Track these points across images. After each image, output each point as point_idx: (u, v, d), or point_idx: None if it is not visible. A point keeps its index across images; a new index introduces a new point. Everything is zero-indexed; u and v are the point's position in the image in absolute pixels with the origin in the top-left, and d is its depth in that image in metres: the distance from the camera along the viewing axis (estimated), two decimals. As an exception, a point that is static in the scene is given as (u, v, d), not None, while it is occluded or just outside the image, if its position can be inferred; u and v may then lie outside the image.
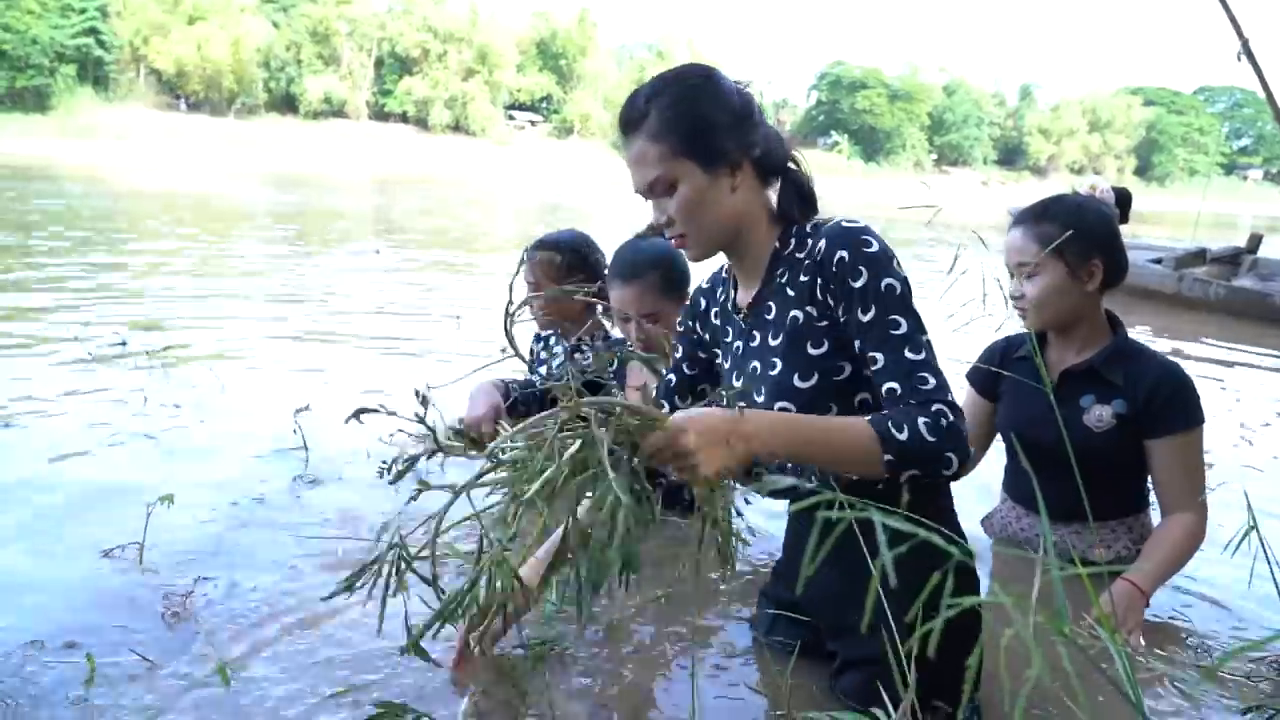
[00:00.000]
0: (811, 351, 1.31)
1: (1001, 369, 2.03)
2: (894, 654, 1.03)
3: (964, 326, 1.25)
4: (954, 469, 1.17)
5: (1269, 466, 2.99)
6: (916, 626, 0.67)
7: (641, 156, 1.29)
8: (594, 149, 60.09)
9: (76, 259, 6.64)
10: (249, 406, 3.05)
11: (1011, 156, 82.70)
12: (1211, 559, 1.87)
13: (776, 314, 1.36)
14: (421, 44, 58.33)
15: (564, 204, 20.63)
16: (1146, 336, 5.62)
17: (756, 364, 1.38)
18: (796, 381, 1.30)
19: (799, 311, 1.32)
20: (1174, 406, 1.80)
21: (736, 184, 1.32)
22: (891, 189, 47.04)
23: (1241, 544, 1.04)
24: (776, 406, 1.31)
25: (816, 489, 0.82)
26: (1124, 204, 1.98)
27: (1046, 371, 1.96)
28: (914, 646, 0.65)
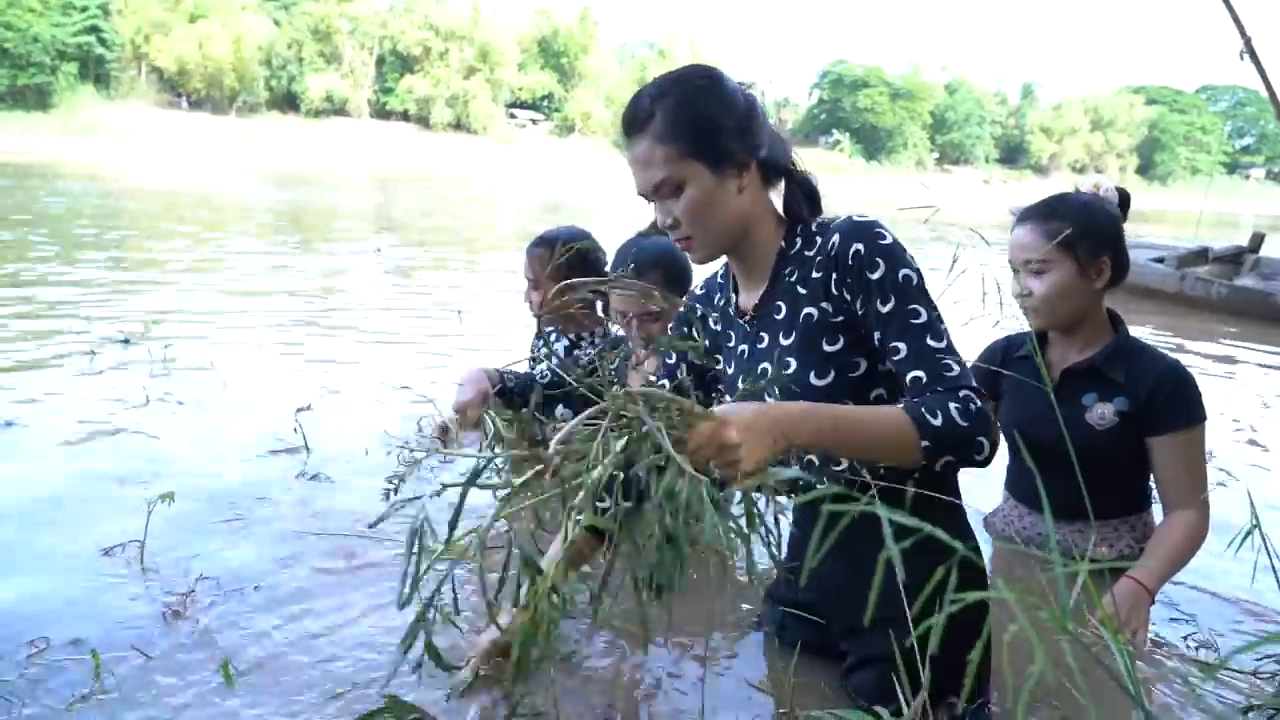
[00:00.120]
0: (826, 348, 1.30)
1: (1002, 368, 2.03)
2: (907, 651, 1.03)
3: (963, 326, 1.25)
4: (985, 454, 1.16)
5: (1272, 465, 2.99)
6: (927, 624, 0.67)
7: (647, 158, 1.27)
8: (595, 147, 60.08)
9: (78, 257, 6.65)
10: (250, 404, 3.06)
11: (1013, 155, 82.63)
12: (1214, 557, 1.87)
13: (787, 313, 1.35)
14: (423, 42, 58.34)
15: (565, 202, 20.63)
16: (1148, 336, 5.61)
17: (768, 365, 1.36)
18: (813, 379, 1.29)
19: (813, 309, 1.30)
20: (1176, 404, 1.81)
21: (743, 185, 1.31)
22: (893, 187, 47.02)
23: (1244, 542, 1.04)
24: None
25: (821, 482, 0.82)
26: (1124, 204, 1.99)
27: (1048, 370, 1.96)
28: (927, 644, 0.65)
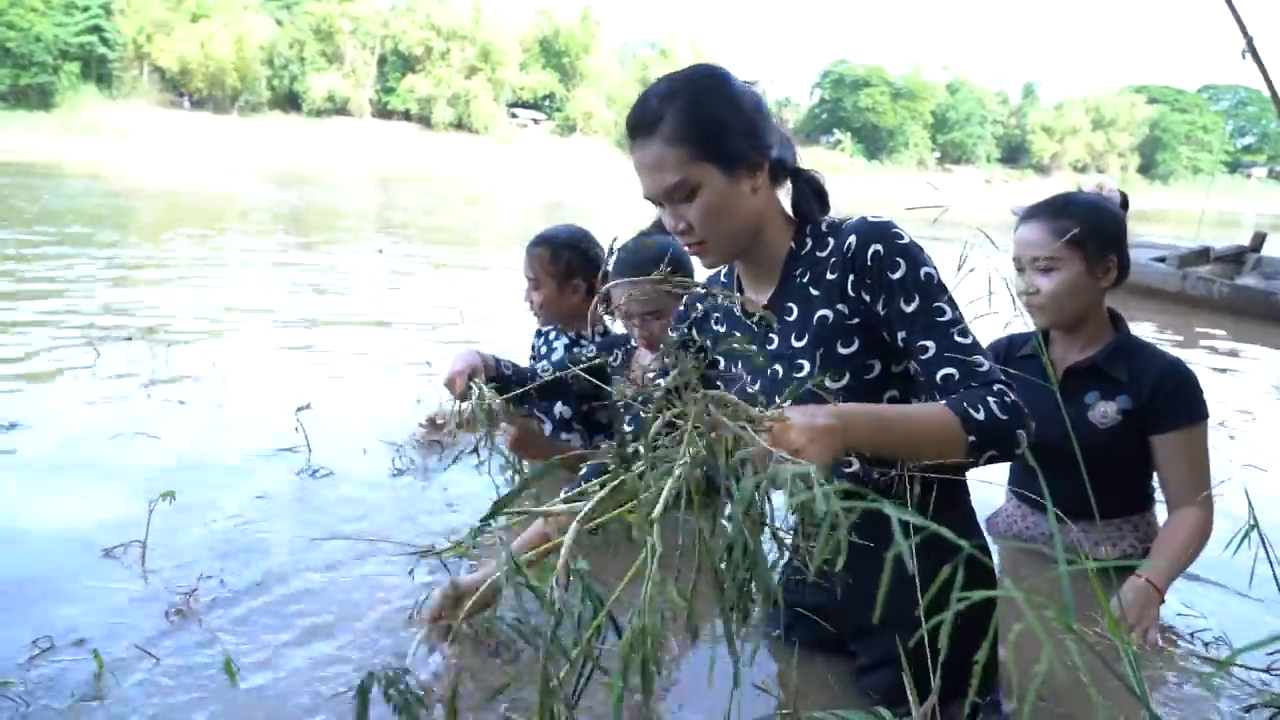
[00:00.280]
0: (841, 351, 1.29)
1: (1005, 367, 2.03)
2: (920, 650, 1.03)
3: (970, 323, 1.25)
4: (1024, 446, 1.16)
5: (1272, 465, 2.99)
6: (940, 624, 0.67)
7: (658, 161, 1.24)
8: (597, 147, 60.04)
9: (80, 256, 6.65)
10: (252, 403, 3.06)
11: (1015, 155, 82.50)
12: (1213, 556, 1.87)
13: (799, 315, 1.33)
14: (424, 42, 58.31)
15: (567, 202, 20.62)
16: (1150, 335, 5.60)
17: (778, 367, 1.35)
18: (827, 382, 1.28)
19: (828, 311, 1.29)
20: (1178, 401, 1.81)
21: (756, 185, 1.28)
22: (894, 187, 46.98)
23: (1243, 542, 1.04)
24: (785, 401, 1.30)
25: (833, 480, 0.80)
26: (1123, 205, 2.01)
27: (1052, 368, 1.96)
28: (941, 643, 0.65)
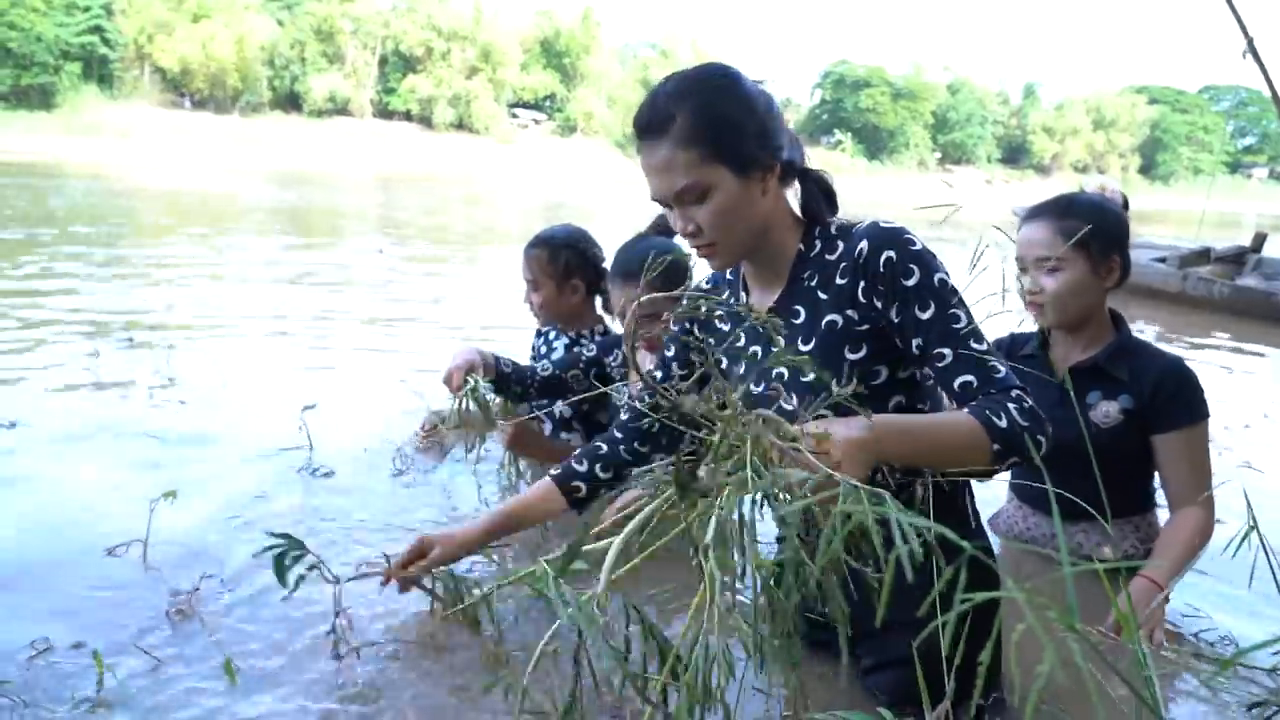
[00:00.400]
0: (849, 356, 1.28)
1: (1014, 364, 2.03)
2: (925, 652, 1.02)
3: (984, 321, 1.25)
4: (1044, 451, 1.16)
5: (1272, 465, 2.99)
6: (945, 625, 0.67)
7: (667, 163, 1.22)
8: (597, 147, 60.03)
9: (81, 256, 6.66)
10: (254, 403, 3.06)
11: (1015, 155, 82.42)
12: (1214, 556, 1.87)
13: (806, 318, 1.32)
14: (425, 42, 58.29)
15: (567, 202, 20.61)
16: (1151, 335, 5.60)
17: (783, 369, 1.34)
18: (833, 387, 1.26)
19: (836, 316, 1.28)
20: (1179, 401, 1.81)
21: (767, 187, 1.27)
22: (895, 187, 46.96)
23: (1242, 543, 1.04)
24: (807, 412, 1.27)
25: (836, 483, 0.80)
26: (1124, 207, 2.02)
27: (1054, 369, 1.97)
28: (945, 643, 0.65)
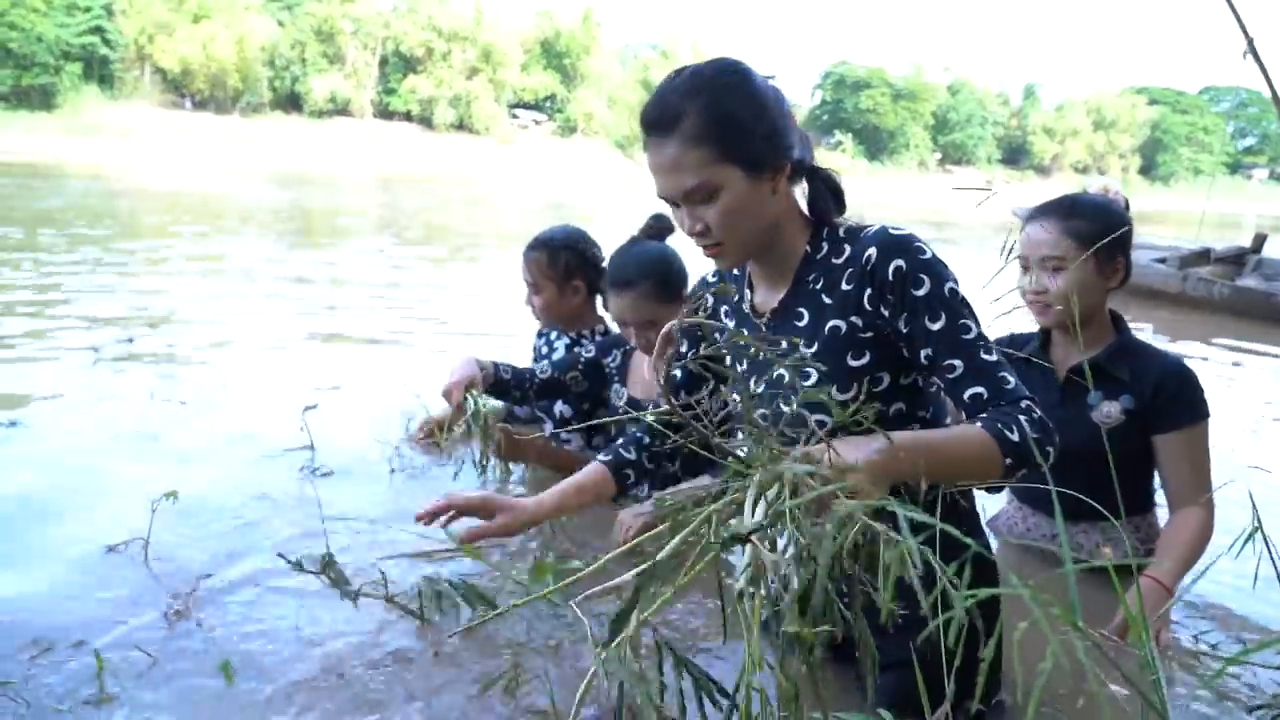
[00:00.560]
0: (851, 363, 1.27)
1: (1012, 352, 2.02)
2: (926, 654, 1.02)
3: (996, 320, 1.24)
4: (1051, 461, 1.16)
5: (1273, 465, 2.98)
6: (946, 627, 0.66)
7: (677, 162, 1.20)
8: (597, 148, 60.04)
9: (82, 257, 6.66)
10: (254, 404, 3.06)
11: (1015, 156, 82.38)
12: (1216, 558, 1.87)
13: (810, 322, 1.31)
14: (426, 43, 58.28)
15: (568, 202, 20.62)
16: (1151, 336, 5.60)
17: (784, 372, 1.34)
18: (835, 393, 1.23)
19: (840, 321, 1.27)
20: (1180, 401, 1.82)
21: (777, 187, 1.26)
22: (895, 188, 46.95)
23: (1246, 544, 1.04)
24: (813, 418, 1.27)
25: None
26: (1125, 208, 2.03)
27: (1055, 370, 1.96)
28: (950, 643, 0.65)
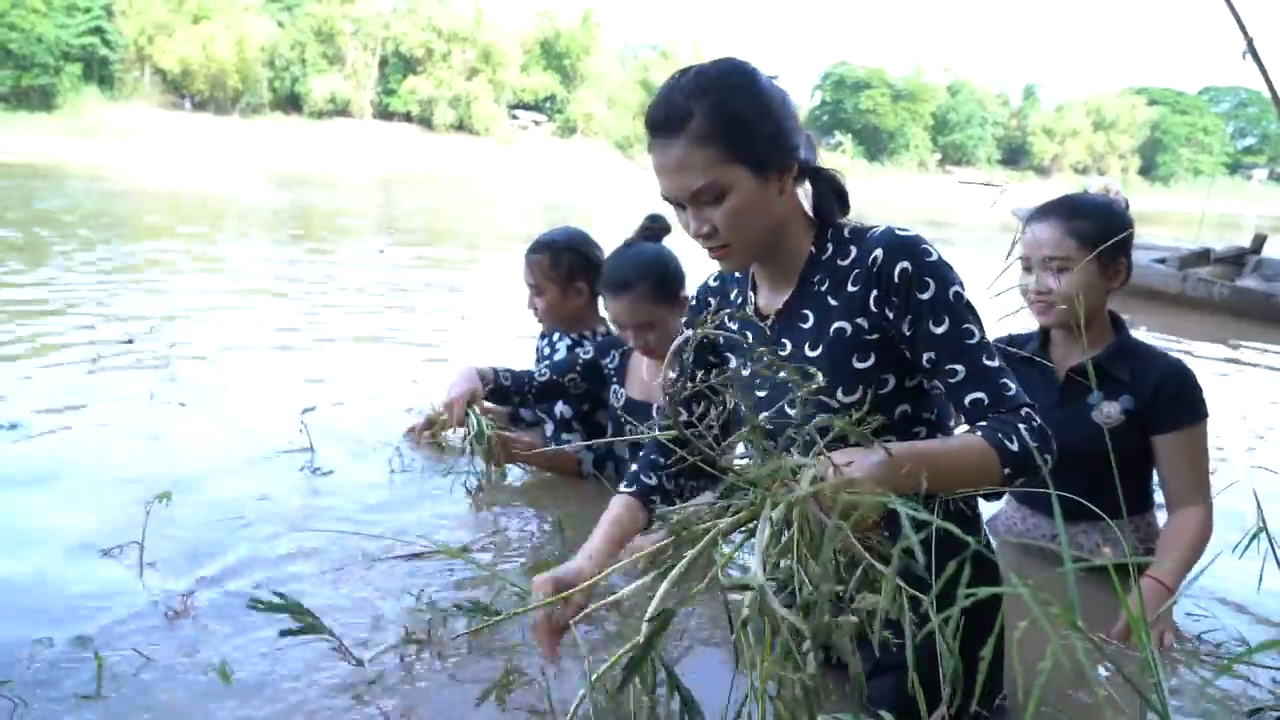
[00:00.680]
0: (857, 365, 1.26)
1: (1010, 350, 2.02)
2: (926, 655, 1.01)
3: (999, 321, 1.23)
4: (1048, 468, 1.15)
5: (1274, 466, 2.98)
6: (948, 629, 0.66)
7: (683, 162, 1.19)
8: (597, 149, 60.05)
9: (82, 258, 6.65)
10: (254, 405, 3.06)
11: (1015, 156, 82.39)
12: (1220, 559, 1.87)
13: (815, 324, 1.30)
14: (425, 44, 58.28)
15: (567, 203, 20.62)
16: (1151, 337, 5.60)
17: (787, 375, 1.33)
18: (840, 395, 1.25)
19: (845, 323, 1.26)
20: (1181, 402, 1.82)
21: (783, 188, 1.25)
22: (895, 189, 46.97)
23: (1250, 545, 1.03)
24: (815, 425, 1.23)
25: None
26: (1124, 208, 2.03)
27: (1054, 370, 1.96)
28: (949, 642, 0.64)
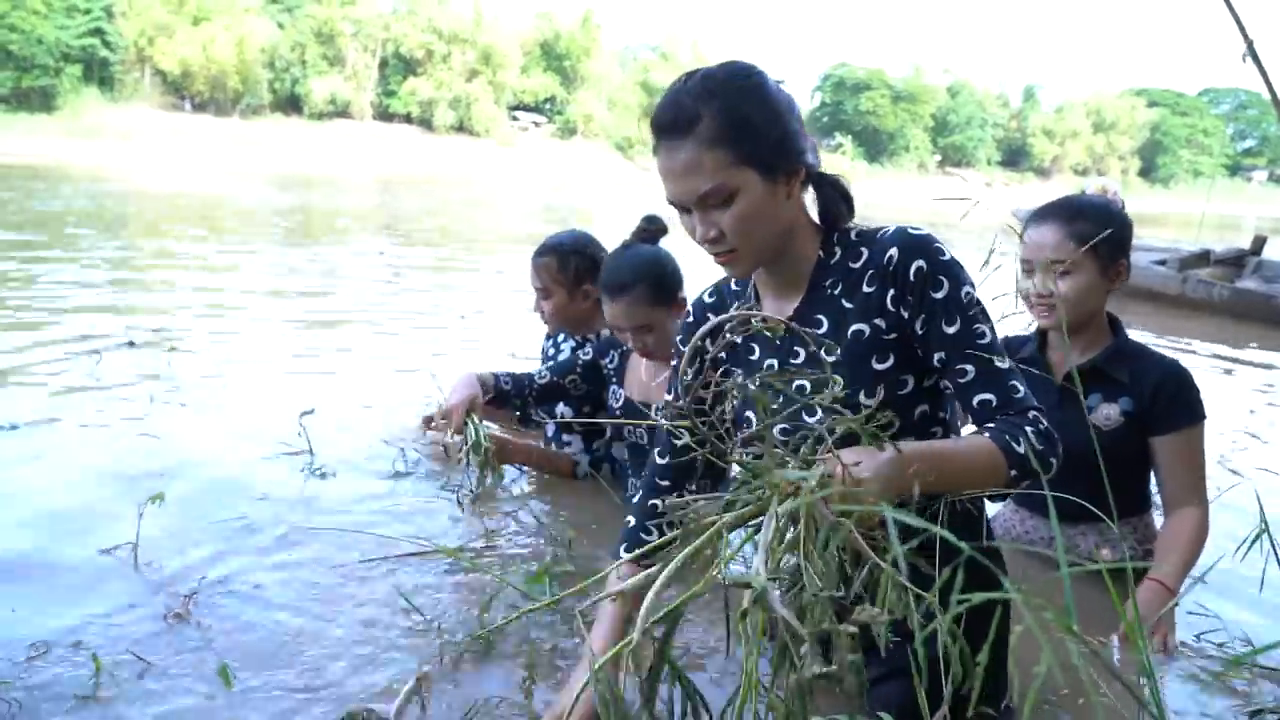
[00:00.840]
0: (876, 366, 1.25)
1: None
2: (931, 660, 1.01)
3: (1008, 317, 1.24)
4: (1053, 471, 1.16)
5: (1274, 467, 2.98)
6: (950, 632, 0.66)
7: (691, 165, 1.17)
8: (597, 150, 60.04)
9: (82, 259, 6.65)
10: (253, 405, 3.06)
11: (1015, 158, 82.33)
12: (1222, 559, 1.86)
13: (830, 328, 1.28)
14: (426, 45, 58.26)
15: (567, 204, 20.62)
16: (1150, 338, 5.60)
17: (805, 382, 1.29)
18: (862, 398, 1.24)
19: (864, 325, 1.25)
20: (1179, 403, 1.82)
21: (791, 191, 1.24)
22: (895, 190, 47.00)
23: (1253, 547, 1.03)
24: (827, 427, 1.21)
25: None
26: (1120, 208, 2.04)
27: (1052, 372, 1.96)
28: (950, 644, 0.64)
